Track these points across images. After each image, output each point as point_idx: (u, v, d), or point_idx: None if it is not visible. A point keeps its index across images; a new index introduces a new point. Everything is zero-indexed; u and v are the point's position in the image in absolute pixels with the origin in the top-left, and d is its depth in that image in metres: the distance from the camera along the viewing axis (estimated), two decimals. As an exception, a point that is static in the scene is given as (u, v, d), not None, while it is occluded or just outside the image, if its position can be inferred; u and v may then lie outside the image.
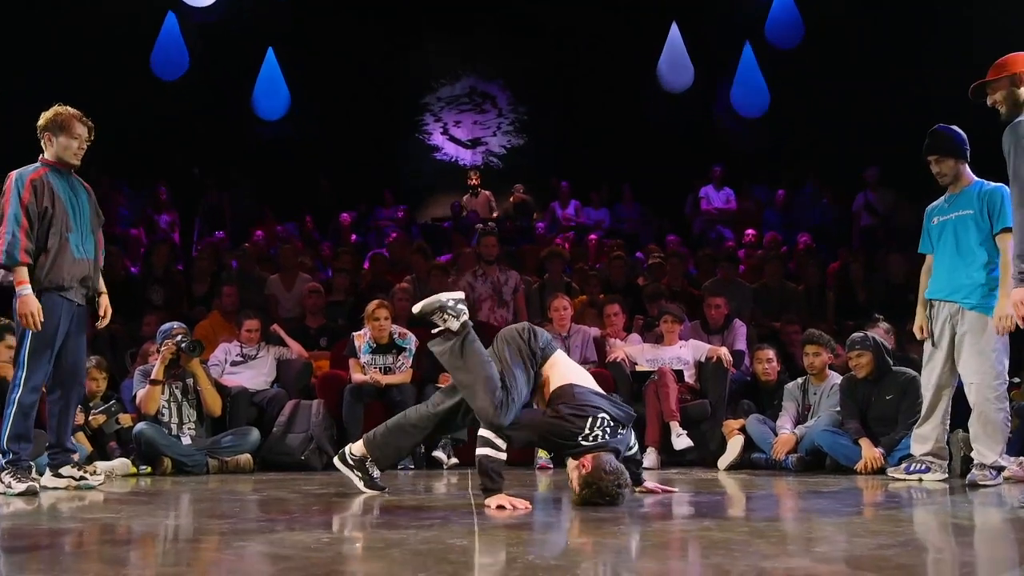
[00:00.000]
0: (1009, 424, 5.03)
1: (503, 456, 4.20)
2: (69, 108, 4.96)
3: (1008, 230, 4.96)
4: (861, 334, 6.09)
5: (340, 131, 14.40)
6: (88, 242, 4.96)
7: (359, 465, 4.77)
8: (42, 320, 4.73)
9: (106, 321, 5.16)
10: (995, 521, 3.83)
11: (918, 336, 5.41)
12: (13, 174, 4.84)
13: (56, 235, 4.81)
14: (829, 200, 12.46)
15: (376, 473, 4.81)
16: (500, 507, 3.99)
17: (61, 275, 4.82)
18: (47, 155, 4.96)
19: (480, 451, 4.21)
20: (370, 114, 14.70)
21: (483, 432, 4.23)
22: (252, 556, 2.82)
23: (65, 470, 5.02)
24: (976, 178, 5.23)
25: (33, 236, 4.77)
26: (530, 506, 4.04)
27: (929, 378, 5.26)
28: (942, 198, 5.35)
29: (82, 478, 5.06)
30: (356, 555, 2.84)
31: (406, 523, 3.56)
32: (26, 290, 4.71)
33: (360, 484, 4.76)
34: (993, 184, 5.14)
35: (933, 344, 5.24)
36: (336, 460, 4.89)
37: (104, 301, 5.13)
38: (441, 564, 2.63)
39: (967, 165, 5.22)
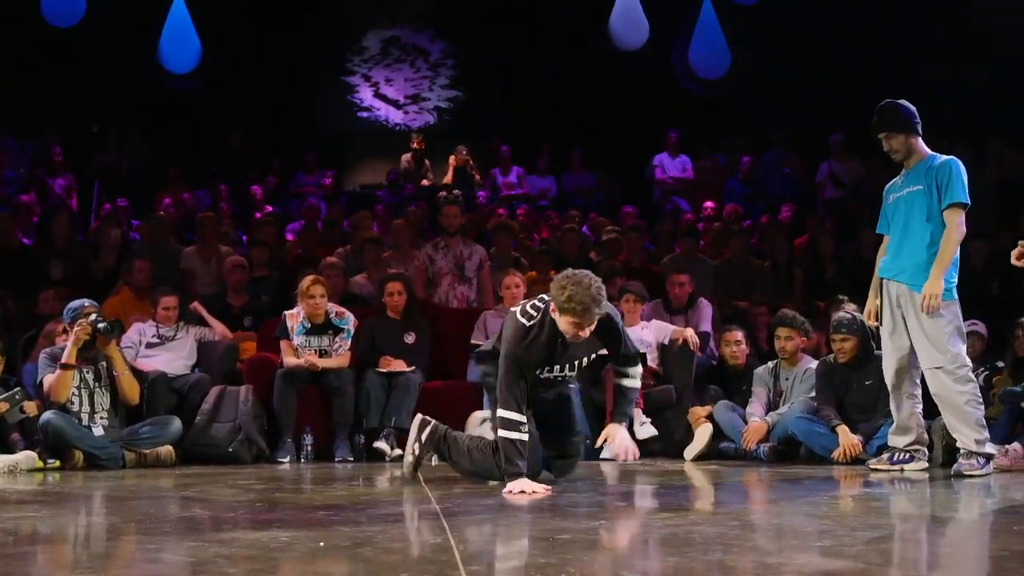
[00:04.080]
0: (981, 407, 5.15)
1: (525, 437, 4.43)
2: None
3: (956, 205, 5.17)
4: (849, 316, 6.22)
5: (256, 87, 14.18)
6: None
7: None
8: None
9: None
10: (991, 512, 3.98)
11: (868, 322, 5.65)
12: None
13: None
14: (794, 169, 12.66)
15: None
16: (522, 492, 4.25)
17: None
18: None
19: (503, 433, 4.42)
20: (290, 67, 14.52)
21: (504, 413, 4.44)
22: (209, 558, 2.82)
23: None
24: (930, 152, 5.37)
25: None
26: (550, 490, 4.34)
27: (891, 362, 5.40)
28: (899, 175, 5.51)
29: None
30: (326, 555, 2.86)
31: (366, 520, 3.58)
32: None
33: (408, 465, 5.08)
34: (944, 157, 5.30)
35: (880, 325, 5.44)
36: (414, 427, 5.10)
37: None
38: (422, 563, 2.66)
39: (919, 139, 5.36)
